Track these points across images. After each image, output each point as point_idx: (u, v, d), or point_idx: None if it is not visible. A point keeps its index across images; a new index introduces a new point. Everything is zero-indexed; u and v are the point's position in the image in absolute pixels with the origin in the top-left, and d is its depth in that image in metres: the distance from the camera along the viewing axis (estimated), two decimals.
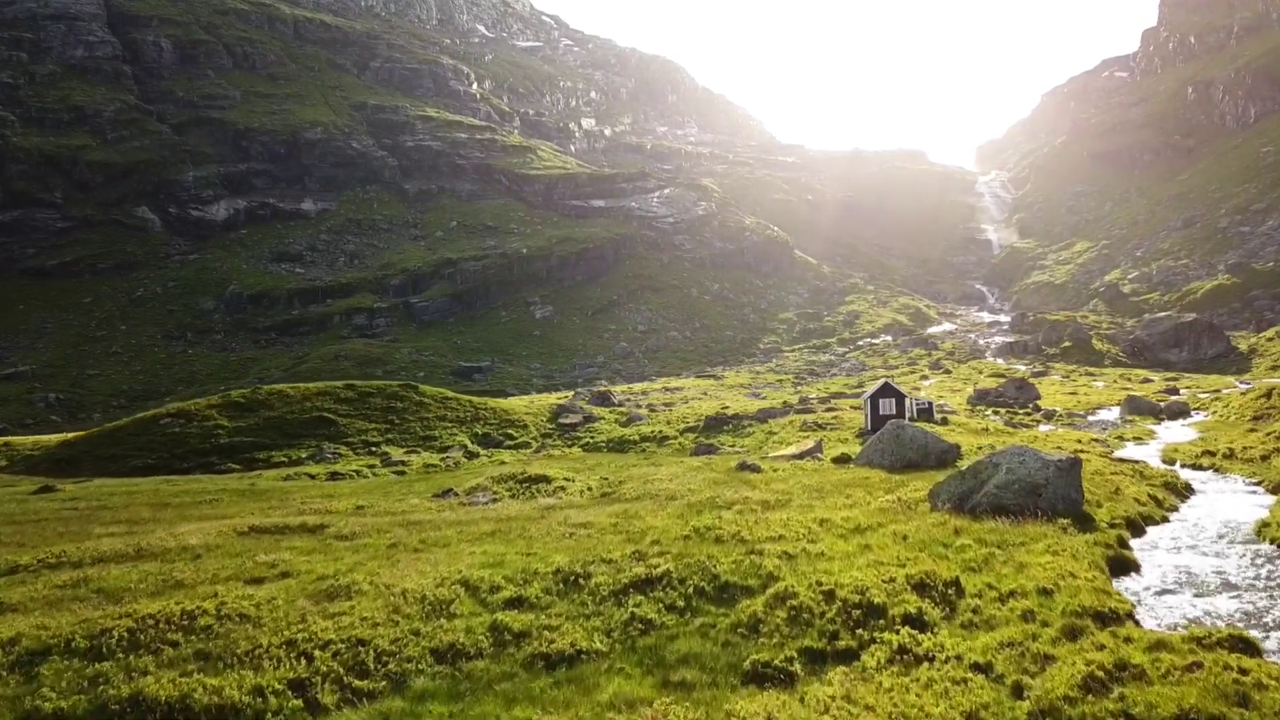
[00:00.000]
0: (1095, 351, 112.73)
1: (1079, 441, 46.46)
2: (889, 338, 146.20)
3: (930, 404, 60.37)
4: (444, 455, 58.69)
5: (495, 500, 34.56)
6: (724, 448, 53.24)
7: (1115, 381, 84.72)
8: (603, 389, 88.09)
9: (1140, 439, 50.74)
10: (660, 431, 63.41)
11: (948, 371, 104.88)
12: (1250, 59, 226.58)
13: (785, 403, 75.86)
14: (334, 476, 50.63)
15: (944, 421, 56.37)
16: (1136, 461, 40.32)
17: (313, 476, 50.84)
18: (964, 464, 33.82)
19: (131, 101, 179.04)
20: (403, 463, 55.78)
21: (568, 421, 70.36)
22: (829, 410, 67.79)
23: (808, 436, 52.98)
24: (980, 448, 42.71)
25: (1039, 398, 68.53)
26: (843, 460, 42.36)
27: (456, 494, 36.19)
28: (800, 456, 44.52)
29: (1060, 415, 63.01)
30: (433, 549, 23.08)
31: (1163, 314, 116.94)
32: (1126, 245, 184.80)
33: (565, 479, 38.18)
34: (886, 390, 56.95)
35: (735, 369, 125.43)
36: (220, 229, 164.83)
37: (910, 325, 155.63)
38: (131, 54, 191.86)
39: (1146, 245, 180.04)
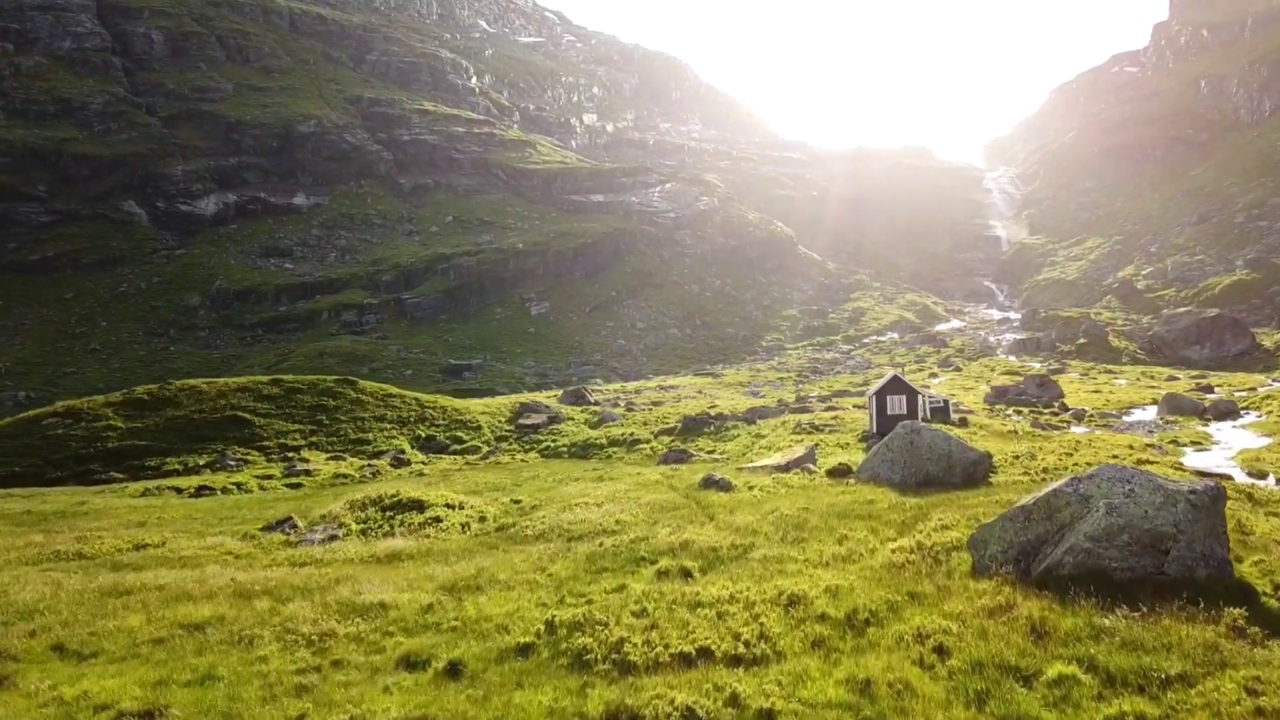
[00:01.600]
0: (1112, 348, 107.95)
1: (1130, 447, 40.55)
2: (895, 335, 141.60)
3: (946, 401, 53.04)
4: (369, 463, 52.37)
5: (334, 538, 27.24)
6: (699, 454, 47.15)
7: (1138, 380, 79.64)
8: (577, 387, 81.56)
9: (1199, 443, 44.30)
10: (631, 434, 57.44)
11: (958, 369, 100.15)
12: (1264, 52, 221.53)
13: (780, 401, 70.02)
14: (202, 491, 44.01)
15: (963, 423, 50.12)
16: (1222, 475, 31.83)
17: (179, 491, 44.13)
18: (1000, 480, 27.95)
19: (120, 94, 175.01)
20: (308, 473, 49.16)
21: (529, 423, 64.07)
22: (829, 409, 61.50)
23: (800, 440, 46.73)
24: (1016, 457, 36.07)
25: (1062, 396, 62.77)
26: (840, 473, 34.61)
27: (296, 526, 29.33)
28: (786, 468, 36.81)
29: (1091, 416, 56.56)
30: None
31: (1182, 309, 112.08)
32: (1140, 241, 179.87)
33: (449, 506, 30.43)
34: (895, 386, 48.33)
35: (736, 367, 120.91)
36: (209, 224, 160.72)
37: (918, 322, 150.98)
38: (121, 46, 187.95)
39: (1160, 241, 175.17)
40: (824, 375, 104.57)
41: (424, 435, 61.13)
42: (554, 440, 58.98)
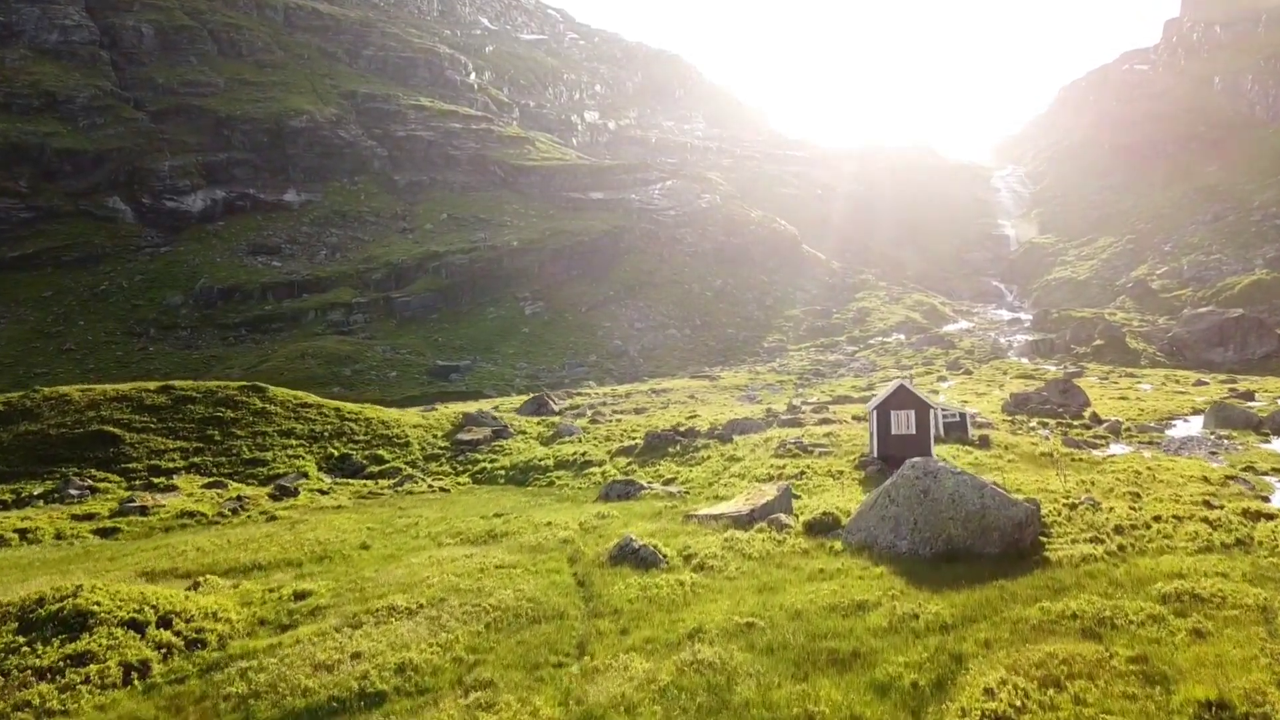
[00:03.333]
0: (1130, 350, 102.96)
1: (1205, 479, 31.78)
2: (902, 336, 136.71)
3: (964, 415, 44.98)
4: (240, 496, 42.01)
5: None
6: (652, 486, 37.59)
7: (1163, 384, 74.54)
8: (539, 395, 73.77)
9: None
10: (584, 454, 49.65)
11: (968, 372, 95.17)
12: None
13: (769, 411, 61.43)
14: None
15: (984, 442, 42.33)
16: None
17: None
18: (1060, 554, 19.93)
19: (108, 88, 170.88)
20: (144, 510, 38.54)
21: (469, 439, 55.87)
22: (823, 422, 52.99)
23: (782, 467, 38.57)
24: (1070, 504, 25.65)
25: (1089, 403, 55.95)
26: (823, 529, 24.40)
27: None
28: (749, 519, 25.90)
29: (1129, 429, 48.94)
30: None
31: (1204, 310, 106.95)
32: (1153, 240, 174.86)
33: (133, 626, 17.79)
34: (901, 397, 38.93)
35: (735, 369, 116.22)
36: (196, 220, 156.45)
37: (924, 323, 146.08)
38: (110, 39, 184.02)
39: (1174, 240, 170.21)
40: (826, 378, 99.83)
41: (337, 454, 52.78)
42: (493, 460, 51.54)
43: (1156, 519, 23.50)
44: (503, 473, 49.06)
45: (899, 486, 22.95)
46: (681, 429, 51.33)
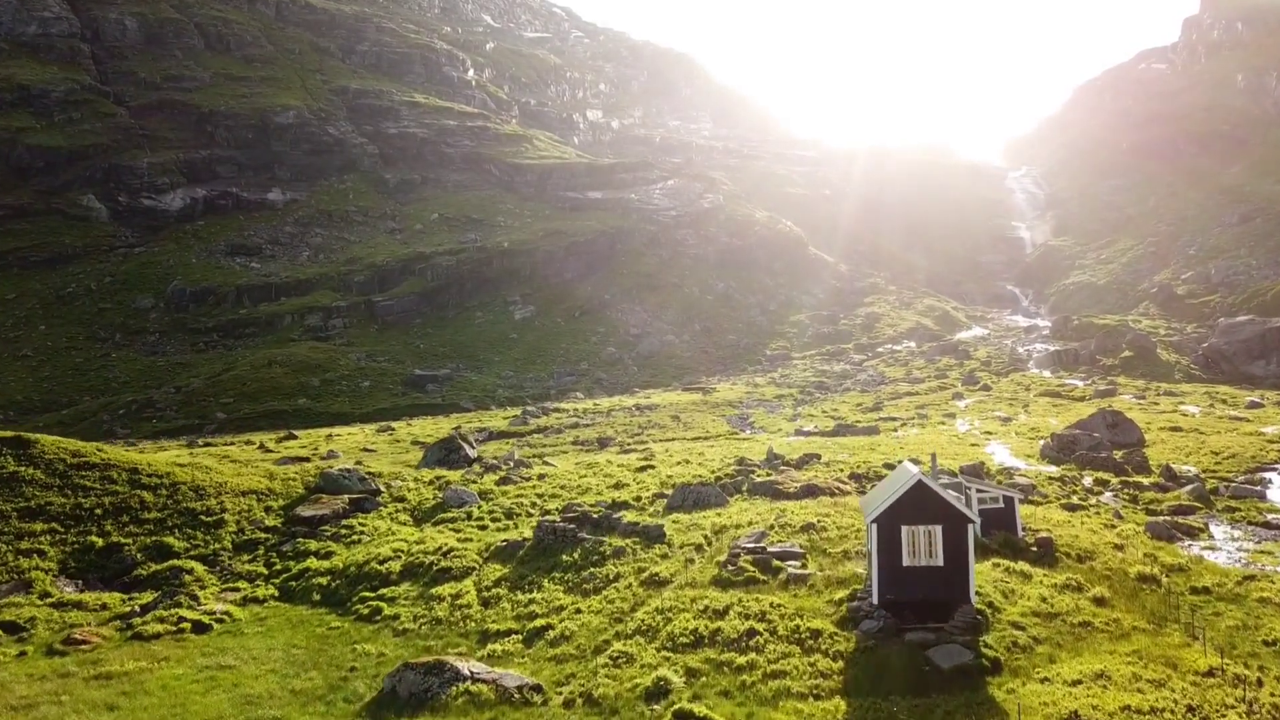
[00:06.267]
0: (1162, 363, 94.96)
1: None
2: (912, 344, 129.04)
3: (1010, 501, 31.07)
4: None
5: None
6: (476, 677, 24.01)
7: (1210, 406, 66.18)
8: (451, 437, 58.97)
9: None
10: (453, 550, 36.35)
11: (986, 388, 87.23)
12: None
13: (741, 464, 46.93)
14: None
15: (1047, 552, 29.27)
16: None
17: None
18: None
19: (87, 82, 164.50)
20: None
21: (311, 514, 42.24)
22: (808, 489, 39.42)
23: (724, 610, 26.39)
24: None
25: (1143, 441, 46.11)
26: None
27: None
28: None
29: (1218, 491, 37.17)
30: None
31: (1243, 318, 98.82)
32: (1176, 243, 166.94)
33: None
34: (919, 503, 25.05)
35: (733, 379, 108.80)
36: (174, 220, 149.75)
37: (936, 329, 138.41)
38: (92, 32, 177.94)
39: (1199, 243, 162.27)
40: (830, 392, 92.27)
41: (101, 545, 38.42)
42: (323, 557, 38.18)
43: None
44: (324, 583, 35.81)
45: None
46: (598, 512, 38.26)
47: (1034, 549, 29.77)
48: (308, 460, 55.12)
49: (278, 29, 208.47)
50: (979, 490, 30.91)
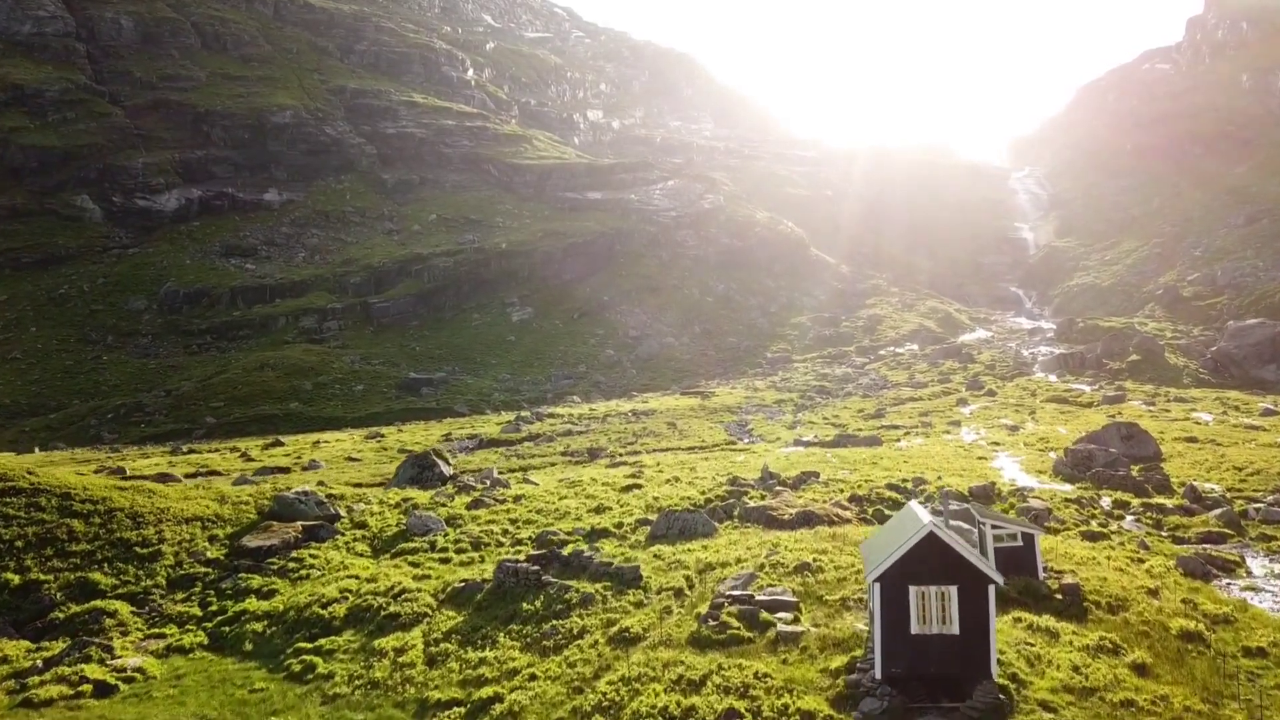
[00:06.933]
0: (1170, 367, 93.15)
1: None
2: (915, 346, 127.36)
3: (1031, 538, 27.59)
4: None
5: None
6: None
7: (1223, 414, 64.22)
8: (425, 454, 53.12)
9: None
10: (405, 592, 32.94)
11: (991, 393, 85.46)
12: None
13: (734, 483, 43.58)
14: None
15: (1074, 602, 26.11)
16: None
17: None
18: None
19: (81, 81, 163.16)
20: None
21: (258, 544, 38.11)
22: (804, 516, 36.03)
23: (700, 683, 22.94)
24: None
25: (1161, 454, 43.54)
26: None
27: None
28: None
29: (1248, 516, 34.46)
30: None
31: (1252, 321, 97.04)
32: (1182, 244, 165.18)
33: None
34: (929, 558, 21.53)
35: (733, 383, 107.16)
36: (169, 220, 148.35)
37: (939, 332, 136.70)
38: (88, 31, 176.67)
39: (1205, 244, 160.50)
40: (831, 396, 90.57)
41: (17, 582, 34.72)
42: (267, 595, 34.61)
43: None
44: (259, 629, 31.96)
45: None
46: (571, 545, 35.04)
47: (1059, 597, 26.30)
48: (288, 471, 53.32)
49: (275, 28, 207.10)
50: (994, 526, 27.28)
